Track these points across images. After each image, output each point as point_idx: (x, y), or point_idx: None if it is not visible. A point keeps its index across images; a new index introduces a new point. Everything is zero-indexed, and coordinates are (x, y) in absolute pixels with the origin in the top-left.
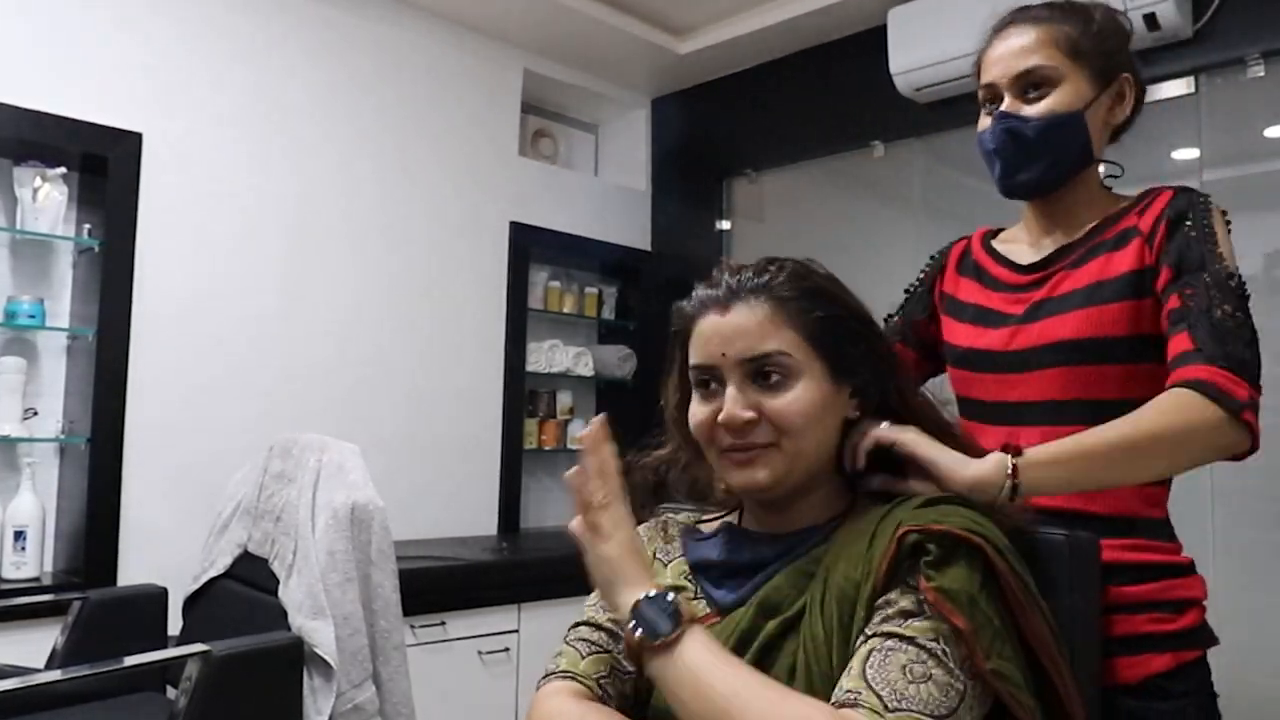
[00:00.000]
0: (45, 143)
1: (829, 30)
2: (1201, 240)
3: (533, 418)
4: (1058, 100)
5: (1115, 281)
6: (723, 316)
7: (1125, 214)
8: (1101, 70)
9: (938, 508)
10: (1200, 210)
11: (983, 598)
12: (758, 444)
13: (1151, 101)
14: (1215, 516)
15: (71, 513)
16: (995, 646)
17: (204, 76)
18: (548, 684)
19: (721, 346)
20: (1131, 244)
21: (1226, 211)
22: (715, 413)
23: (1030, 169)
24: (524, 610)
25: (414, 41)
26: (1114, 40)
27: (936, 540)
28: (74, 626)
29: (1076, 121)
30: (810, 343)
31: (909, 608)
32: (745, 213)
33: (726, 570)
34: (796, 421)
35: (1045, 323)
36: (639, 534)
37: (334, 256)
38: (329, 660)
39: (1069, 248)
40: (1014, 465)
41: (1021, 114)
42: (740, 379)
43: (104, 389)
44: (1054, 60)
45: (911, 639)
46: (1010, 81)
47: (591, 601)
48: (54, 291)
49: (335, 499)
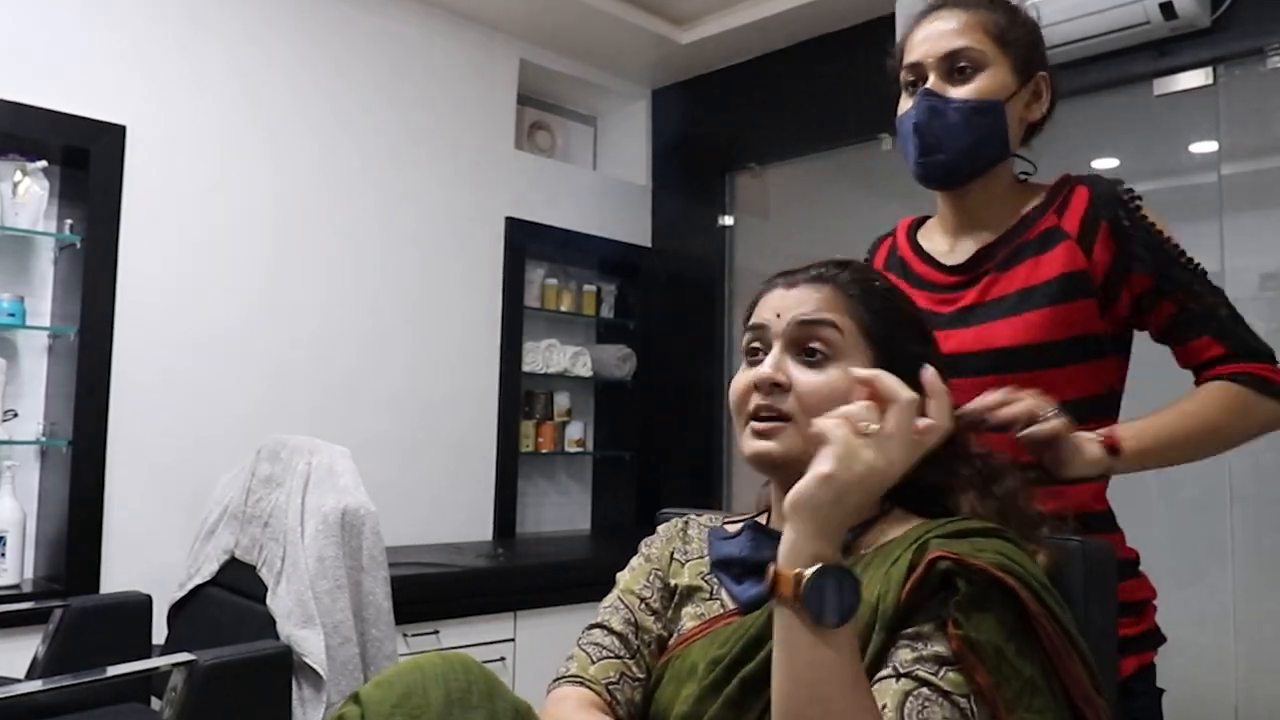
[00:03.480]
0: (25, 135)
1: (835, 19)
2: (1156, 240)
3: (529, 419)
4: (983, 85)
5: (1045, 286)
6: (788, 290)
7: (1043, 212)
8: (1024, 63)
9: (972, 540)
10: (1128, 205)
11: (1011, 649)
12: (779, 411)
13: (1168, 93)
14: (1234, 518)
15: (53, 517)
16: (1023, 700)
17: (189, 67)
18: (557, 689)
19: (776, 308)
20: (1059, 247)
21: (1133, 190)
22: (751, 379)
23: (948, 151)
24: (520, 618)
25: (405, 31)
26: (1035, 35)
27: (968, 576)
28: (55, 635)
29: (998, 110)
30: (864, 332)
31: (944, 654)
32: (749, 208)
33: (748, 567)
34: (823, 402)
35: (978, 329)
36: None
37: (323, 253)
38: (319, 670)
39: (992, 248)
40: (1112, 457)
41: (946, 94)
42: (784, 345)
43: (86, 390)
44: (982, 45)
45: (948, 694)
46: (937, 61)
47: (606, 604)
48: (34, 289)
49: (325, 503)
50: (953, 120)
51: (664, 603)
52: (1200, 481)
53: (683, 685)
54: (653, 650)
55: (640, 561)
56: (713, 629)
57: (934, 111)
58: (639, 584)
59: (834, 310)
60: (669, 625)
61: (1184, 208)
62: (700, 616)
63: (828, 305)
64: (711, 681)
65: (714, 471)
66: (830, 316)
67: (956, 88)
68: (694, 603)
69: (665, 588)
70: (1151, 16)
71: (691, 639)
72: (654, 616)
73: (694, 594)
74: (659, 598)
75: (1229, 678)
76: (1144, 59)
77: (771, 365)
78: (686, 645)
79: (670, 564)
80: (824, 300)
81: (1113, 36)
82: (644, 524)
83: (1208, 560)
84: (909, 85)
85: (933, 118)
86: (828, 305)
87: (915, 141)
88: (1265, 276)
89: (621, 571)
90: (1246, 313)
